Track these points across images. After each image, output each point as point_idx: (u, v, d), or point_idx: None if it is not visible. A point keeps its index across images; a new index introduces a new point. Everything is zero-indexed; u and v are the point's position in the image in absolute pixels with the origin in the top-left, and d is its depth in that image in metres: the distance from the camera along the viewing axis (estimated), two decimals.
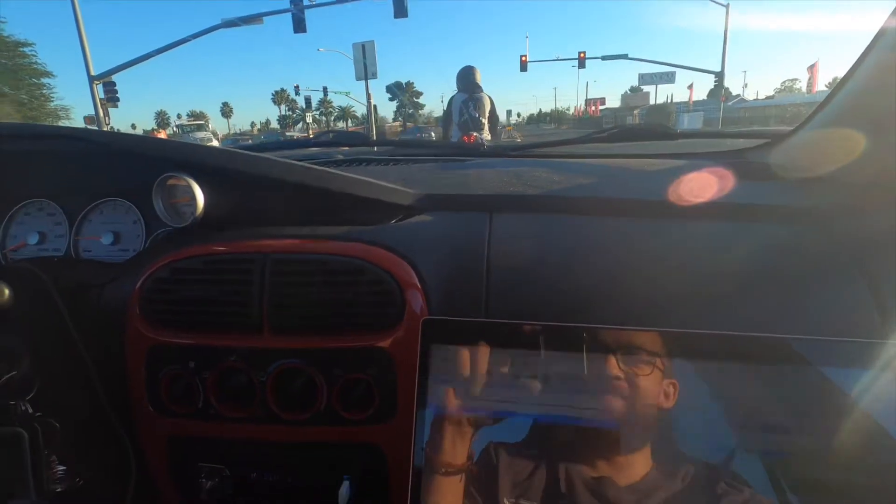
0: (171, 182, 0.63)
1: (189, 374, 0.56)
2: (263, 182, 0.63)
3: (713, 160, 0.89)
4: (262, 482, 0.57)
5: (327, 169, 0.68)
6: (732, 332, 0.39)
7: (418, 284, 0.54)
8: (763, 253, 0.57)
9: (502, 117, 4.63)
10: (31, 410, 0.57)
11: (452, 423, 0.39)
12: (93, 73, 11.46)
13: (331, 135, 1.22)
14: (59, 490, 0.60)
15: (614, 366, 0.39)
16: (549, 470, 0.39)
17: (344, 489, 0.54)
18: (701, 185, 0.78)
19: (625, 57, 17.77)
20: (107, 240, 0.76)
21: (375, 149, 1.30)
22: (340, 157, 1.10)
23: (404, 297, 0.53)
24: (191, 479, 0.58)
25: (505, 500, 0.39)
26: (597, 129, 1.12)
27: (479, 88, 3.91)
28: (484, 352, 0.39)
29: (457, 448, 0.39)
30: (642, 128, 1.06)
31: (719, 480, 0.38)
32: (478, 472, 0.39)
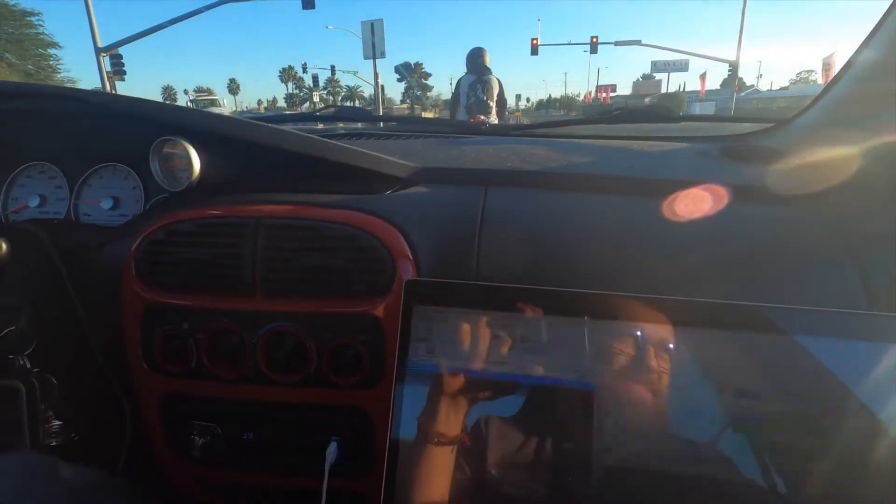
0: (167, 147, 0.64)
1: (183, 335, 0.57)
2: (260, 149, 0.63)
3: (715, 144, 0.88)
4: (253, 441, 0.59)
5: (325, 139, 0.68)
6: (727, 301, 0.39)
7: (409, 253, 0.55)
8: (755, 235, 0.57)
9: (511, 102, 4.60)
10: (28, 365, 0.59)
11: (438, 387, 0.40)
12: (100, 45, 11.39)
13: (332, 109, 1.22)
14: (54, 444, 0.62)
15: (605, 333, 0.39)
16: (538, 442, 0.40)
17: (331, 450, 0.55)
18: (697, 167, 0.78)
19: (638, 43, 17.49)
20: (106, 204, 0.77)
21: (381, 125, 1.30)
22: (342, 131, 1.10)
23: (395, 266, 0.54)
24: (184, 436, 0.60)
25: (492, 471, 0.40)
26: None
27: (487, 70, 3.85)
28: (468, 314, 0.40)
29: (450, 420, 0.40)
30: (645, 109, 1.05)
31: (706, 458, 0.38)
32: (468, 444, 0.40)
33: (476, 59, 3.82)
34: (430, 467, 0.40)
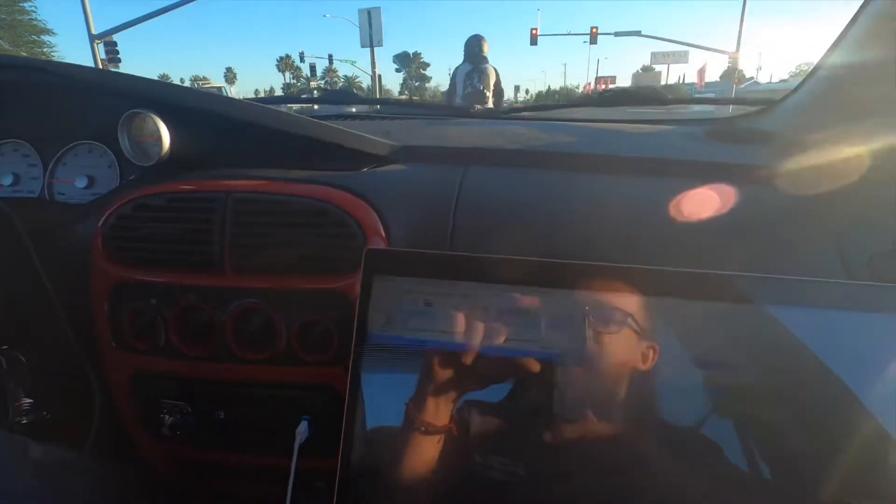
0: (137, 121, 0.62)
1: (151, 312, 0.56)
2: (234, 124, 0.62)
3: (702, 126, 0.88)
4: (223, 419, 0.58)
5: (303, 116, 0.67)
6: (697, 270, 0.38)
7: (381, 230, 0.54)
8: (735, 214, 0.56)
9: (510, 93, 4.55)
10: None
11: (427, 372, 0.39)
12: (94, 31, 11.22)
13: (314, 92, 1.20)
14: (24, 422, 0.61)
15: (577, 303, 0.38)
16: (521, 426, 0.39)
17: (302, 428, 0.54)
18: (680, 147, 0.77)
19: (637, 34, 17.31)
20: (81, 183, 0.75)
21: (368, 109, 1.28)
22: (327, 112, 1.09)
23: (366, 242, 0.53)
24: (154, 415, 0.59)
25: (476, 457, 0.39)
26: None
27: (484, 59, 3.80)
28: (433, 285, 0.39)
29: (439, 407, 0.39)
30: (636, 91, 1.04)
31: (690, 443, 0.38)
32: (453, 431, 0.40)
33: (473, 48, 3.76)
34: (402, 448, 0.40)
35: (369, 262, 0.38)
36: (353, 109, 1.20)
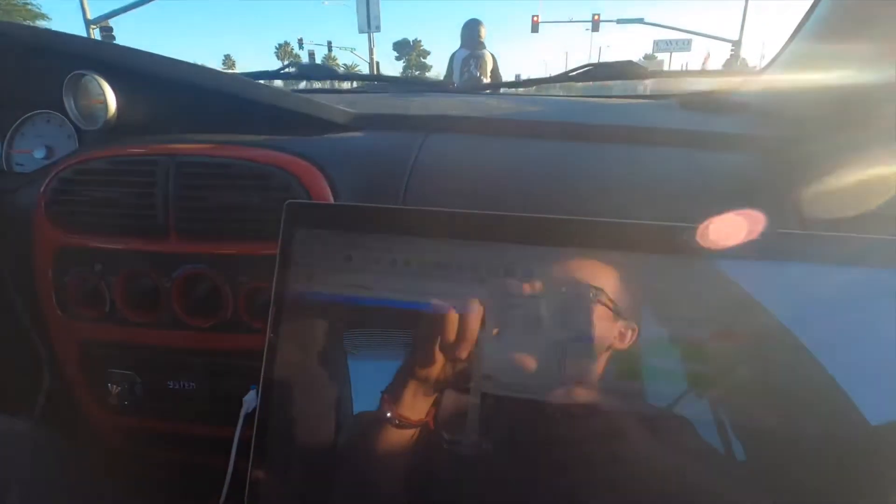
0: (84, 83, 0.61)
1: (95, 278, 0.55)
2: (183, 86, 0.60)
3: (678, 98, 0.86)
4: (172, 389, 0.57)
5: (258, 82, 0.65)
6: (640, 222, 0.37)
7: (329, 195, 0.52)
8: (701, 179, 0.55)
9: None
10: None
11: (322, 316, 0.37)
12: (89, 16, 11.10)
13: (291, 68, 1.17)
14: None
15: (506, 256, 0.36)
16: (487, 402, 0.38)
17: (249, 397, 0.53)
18: (649, 116, 0.75)
19: (640, 21, 17.12)
20: (39, 153, 0.74)
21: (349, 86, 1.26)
22: (301, 87, 1.07)
23: None
24: (103, 384, 0.58)
25: (444, 434, 0.39)
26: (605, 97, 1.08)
27: (482, 45, 3.72)
28: (358, 238, 0.37)
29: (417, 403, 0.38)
30: (615, 65, 1.02)
31: (664, 420, 0.37)
32: (429, 425, 0.39)
33: (470, 32, 3.68)
34: (370, 437, 0.39)
35: (290, 215, 0.37)
36: (327, 86, 1.17)
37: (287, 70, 1.20)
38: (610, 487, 0.37)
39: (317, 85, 1.15)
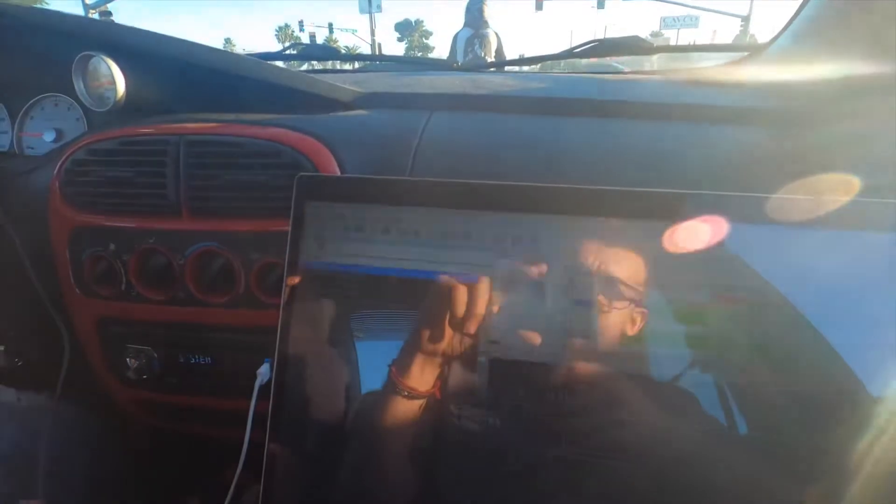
0: (92, 64, 0.61)
1: (111, 256, 0.56)
2: (190, 67, 0.61)
3: (686, 74, 0.85)
4: (188, 364, 0.59)
5: (264, 62, 0.65)
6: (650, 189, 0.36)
7: (337, 171, 0.53)
8: (711, 154, 0.55)
9: None
10: None
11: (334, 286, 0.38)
12: (88, 0, 11.01)
13: (297, 49, 1.17)
14: None
15: (520, 227, 0.36)
16: (495, 372, 0.39)
17: (263, 369, 0.55)
18: (656, 92, 0.74)
19: None
20: (49, 136, 0.75)
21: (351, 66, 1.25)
22: (303, 69, 1.06)
23: None
24: (120, 359, 0.60)
25: (452, 408, 0.39)
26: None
27: (485, 24, 3.65)
28: (368, 210, 0.38)
29: (424, 373, 0.39)
30: (620, 40, 1.00)
31: (670, 391, 0.37)
32: (436, 395, 0.39)
33: (474, 11, 3.59)
34: (380, 409, 0.40)
35: (301, 188, 0.38)
36: (337, 66, 1.17)
37: (289, 51, 1.20)
38: (614, 458, 0.38)
39: (318, 66, 1.15)
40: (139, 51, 0.61)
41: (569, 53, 1.07)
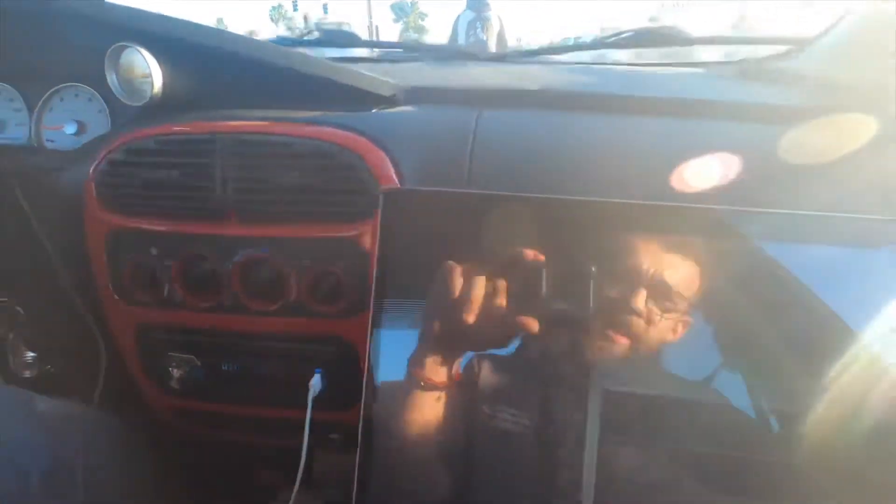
0: (126, 56, 0.57)
1: (153, 262, 0.54)
2: (232, 59, 0.58)
3: (731, 67, 0.82)
4: (233, 372, 0.57)
5: (304, 52, 0.62)
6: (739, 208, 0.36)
7: (393, 175, 0.50)
8: (759, 152, 0.53)
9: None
10: None
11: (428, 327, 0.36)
12: None
13: (316, 34, 1.12)
14: (27, 375, 0.60)
15: (625, 256, 0.36)
16: (533, 380, 0.38)
17: (315, 381, 0.53)
18: (711, 88, 0.72)
19: None
20: (70, 129, 0.71)
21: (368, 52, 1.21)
22: (332, 55, 1.02)
23: (378, 187, 0.49)
24: (161, 368, 0.57)
25: (485, 409, 0.38)
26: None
27: (487, 6, 3.58)
28: (463, 229, 0.36)
29: (440, 364, 0.38)
30: (656, 31, 0.97)
31: (703, 395, 0.37)
32: (460, 384, 0.38)
33: None
34: (417, 408, 0.39)
35: (389, 205, 0.35)
36: (354, 53, 1.13)
37: (309, 37, 1.15)
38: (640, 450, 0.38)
39: (334, 53, 1.11)
40: (175, 41, 0.57)
41: (601, 44, 1.03)
